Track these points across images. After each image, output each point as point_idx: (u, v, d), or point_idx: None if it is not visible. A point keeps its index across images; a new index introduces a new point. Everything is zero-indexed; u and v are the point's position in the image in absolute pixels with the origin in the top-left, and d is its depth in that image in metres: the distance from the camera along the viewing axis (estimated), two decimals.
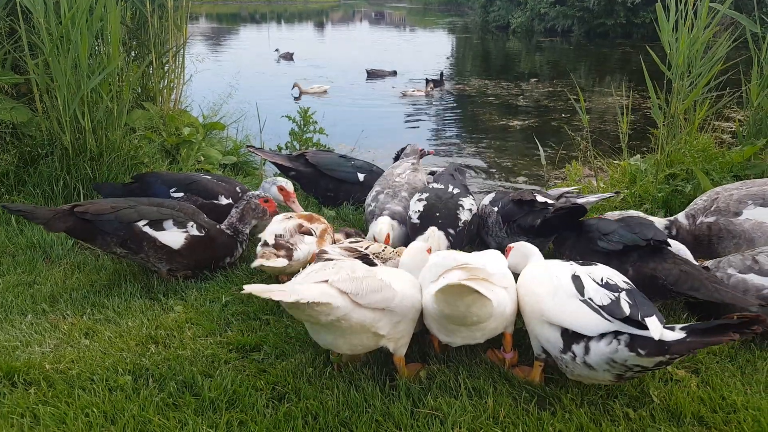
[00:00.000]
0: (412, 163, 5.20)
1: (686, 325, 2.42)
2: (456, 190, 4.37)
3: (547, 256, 3.33)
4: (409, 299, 2.77)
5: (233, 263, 4.18)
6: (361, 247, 3.43)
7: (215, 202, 4.50)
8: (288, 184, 4.57)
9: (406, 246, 3.63)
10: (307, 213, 4.15)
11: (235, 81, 9.98)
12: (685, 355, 2.53)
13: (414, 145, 5.78)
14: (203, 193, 4.50)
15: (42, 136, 5.38)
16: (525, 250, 3.32)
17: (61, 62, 4.89)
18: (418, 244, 3.40)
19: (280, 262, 3.56)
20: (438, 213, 4.11)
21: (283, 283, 3.76)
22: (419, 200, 4.27)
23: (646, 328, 2.37)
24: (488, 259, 2.98)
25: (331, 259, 3.21)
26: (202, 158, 6.45)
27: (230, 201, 4.54)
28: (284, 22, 49.75)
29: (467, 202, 4.26)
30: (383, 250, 3.49)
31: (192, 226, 3.91)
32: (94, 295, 3.78)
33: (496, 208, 4.23)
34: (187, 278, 4.02)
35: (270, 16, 53.41)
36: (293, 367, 2.95)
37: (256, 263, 3.59)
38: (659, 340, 2.33)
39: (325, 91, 15.60)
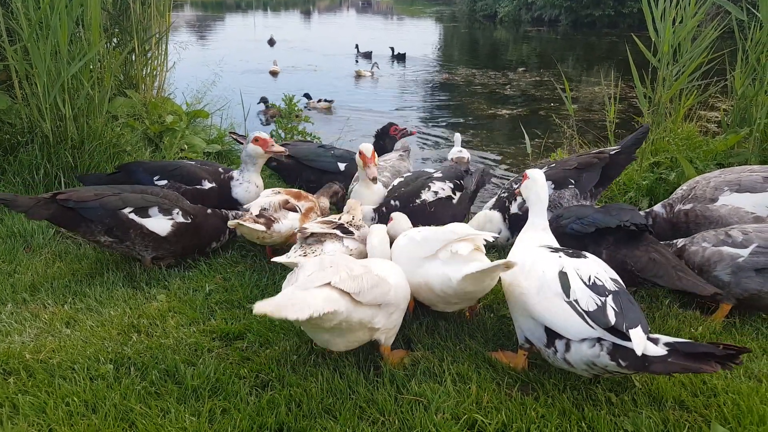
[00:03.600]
0: (400, 155, 5.22)
1: (671, 340, 2.36)
2: (438, 175, 4.36)
3: None
4: (401, 290, 2.80)
5: (218, 249, 4.16)
6: (336, 219, 3.58)
7: (198, 187, 4.46)
8: (262, 133, 4.57)
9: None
10: (295, 189, 4.23)
11: (220, 69, 9.87)
12: (663, 374, 2.52)
13: (404, 142, 5.78)
14: (187, 178, 4.46)
15: (22, 123, 5.29)
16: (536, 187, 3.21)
17: (41, 48, 4.80)
18: (381, 227, 3.44)
19: (257, 227, 3.68)
20: (403, 188, 4.16)
21: (268, 255, 3.93)
22: (401, 177, 4.38)
23: (629, 339, 2.33)
24: (466, 229, 3.05)
25: (314, 234, 3.40)
26: (186, 146, 6.38)
27: (213, 185, 4.51)
28: (270, 10, 49.27)
29: (437, 185, 4.22)
30: (353, 219, 3.65)
31: (178, 213, 3.89)
32: (76, 284, 3.73)
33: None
34: (170, 267, 3.99)
35: (256, 4, 52.85)
36: (277, 355, 2.94)
37: (232, 222, 3.68)
38: (641, 355, 2.30)
39: (275, 72, 17.09)
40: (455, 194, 4.27)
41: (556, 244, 3.07)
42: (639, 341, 2.31)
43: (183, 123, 6.55)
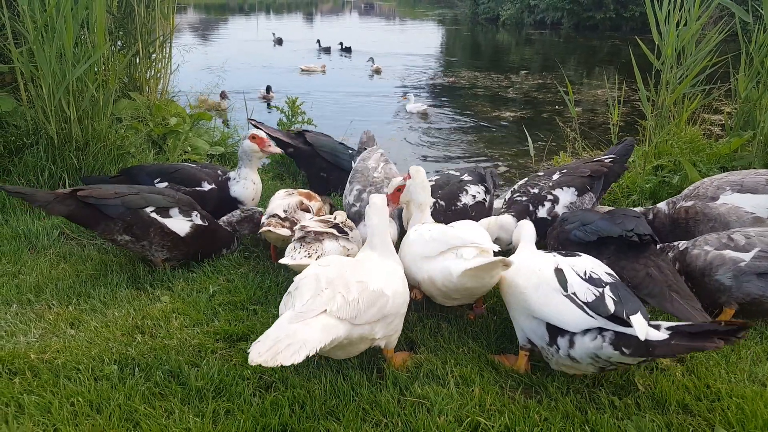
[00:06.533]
0: (381, 153, 4.89)
1: (672, 324, 2.39)
2: (468, 178, 4.31)
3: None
4: (400, 296, 2.77)
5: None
6: (332, 218, 3.72)
7: (198, 189, 4.47)
8: (259, 132, 4.62)
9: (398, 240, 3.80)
10: (305, 191, 4.33)
11: (223, 71, 9.88)
12: (668, 357, 2.54)
13: (368, 131, 5.45)
14: (187, 181, 4.47)
15: (27, 125, 5.30)
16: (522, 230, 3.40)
17: (46, 51, 4.82)
18: (380, 197, 3.21)
19: (285, 232, 3.76)
20: (440, 191, 4.14)
21: (273, 256, 4.05)
22: (429, 180, 4.29)
23: (630, 325, 2.36)
24: (476, 233, 3.15)
25: (312, 232, 3.50)
26: (189, 148, 6.39)
27: (213, 186, 4.53)
28: (273, 12, 49.37)
29: (473, 189, 4.21)
30: (346, 220, 3.80)
31: (196, 216, 3.95)
32: (80, 285, 3.75)
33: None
34: (174, 268, 4.00)
35: (258, 6, 52.99)
36: None
37: (264, 229, 3.76)
38: (644, 340, 2.31)
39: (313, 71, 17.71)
40: (486, 197, 4.31)
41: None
42: (641, 326, 2.34)
43: (186, 125, 6.57)
